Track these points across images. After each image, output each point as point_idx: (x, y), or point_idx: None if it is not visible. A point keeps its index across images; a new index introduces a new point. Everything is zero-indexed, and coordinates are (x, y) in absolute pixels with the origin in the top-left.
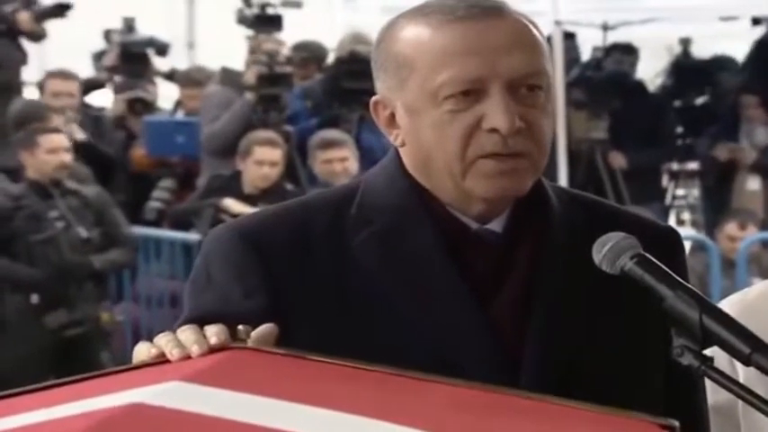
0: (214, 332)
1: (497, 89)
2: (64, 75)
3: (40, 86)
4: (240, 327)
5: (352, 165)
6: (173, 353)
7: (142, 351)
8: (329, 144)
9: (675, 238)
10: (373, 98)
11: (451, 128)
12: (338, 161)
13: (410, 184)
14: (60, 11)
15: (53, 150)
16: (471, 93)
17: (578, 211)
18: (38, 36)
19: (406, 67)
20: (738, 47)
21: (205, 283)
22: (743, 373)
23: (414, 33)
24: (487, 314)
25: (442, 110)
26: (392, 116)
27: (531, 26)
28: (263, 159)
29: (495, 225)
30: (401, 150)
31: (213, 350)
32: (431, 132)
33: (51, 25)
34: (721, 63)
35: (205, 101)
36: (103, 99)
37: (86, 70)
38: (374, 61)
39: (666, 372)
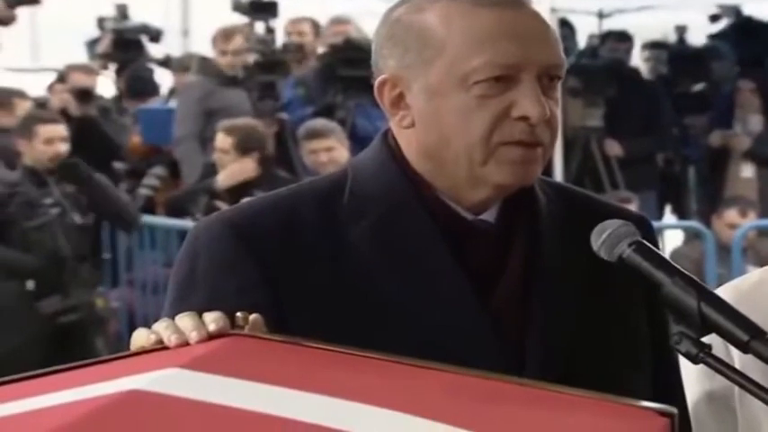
0: (213, 319)
1: (530, 77)
2: (87, 69)
3: (61, 78)
4: (238, 314)
5: (340, 154)
6: (171, 339)
7: (140, 337)
8: (314, 134)
9: (647, 226)
10: (381, 77)
11: (480, 113)
12: (324, 151)
13: (402, 171)
14: None
15: (50, 141)
16: (502, 79)
17: (557, 199)
18: (6, 21)
19: (432, 47)
20: None
21: (190, 280)
22: (738, 361)
23: (443, 13)
24: (488, 305)
25: (470, 94)
26: (400, 96)
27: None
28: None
29: (488, 216)
30: (404, 132)
31: (212, 337)
32: (454, 116)
33: (44, 13)
34: (716, 51)
35: (183, 93)
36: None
37: (81, 58)
38: (386, 37)
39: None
